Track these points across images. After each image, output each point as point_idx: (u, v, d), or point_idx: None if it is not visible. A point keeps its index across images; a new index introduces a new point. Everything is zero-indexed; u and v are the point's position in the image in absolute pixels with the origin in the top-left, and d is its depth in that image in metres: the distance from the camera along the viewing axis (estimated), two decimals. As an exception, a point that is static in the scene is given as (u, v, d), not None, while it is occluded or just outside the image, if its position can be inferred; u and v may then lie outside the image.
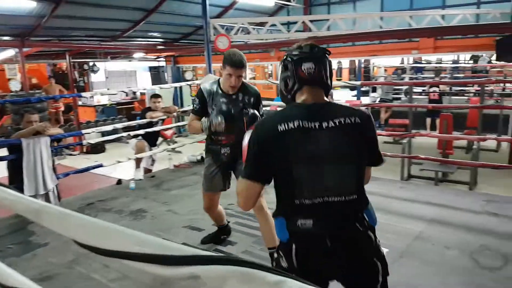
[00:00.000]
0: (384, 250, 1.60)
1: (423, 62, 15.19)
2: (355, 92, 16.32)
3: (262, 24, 10.45)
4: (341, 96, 16.91)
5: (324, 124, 1.48)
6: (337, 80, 16.02)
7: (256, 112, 2.81)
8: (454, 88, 12.11)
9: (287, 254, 1.52)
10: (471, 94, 12.61)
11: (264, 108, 3.07)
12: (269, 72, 17.13)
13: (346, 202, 1.50)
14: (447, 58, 14.90)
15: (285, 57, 1.60)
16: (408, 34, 8.51)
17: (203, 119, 2.87)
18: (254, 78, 16.85)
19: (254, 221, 3.72)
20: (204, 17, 6.82)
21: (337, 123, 1.48)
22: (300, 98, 1.57)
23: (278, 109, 3.87)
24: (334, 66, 16.62)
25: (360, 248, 1.52)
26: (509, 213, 3.84)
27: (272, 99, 9.18)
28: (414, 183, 6.22)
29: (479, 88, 10.97)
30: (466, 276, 2.80)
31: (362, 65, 14.87)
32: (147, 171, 5.98)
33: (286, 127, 1.47)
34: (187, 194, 4.83)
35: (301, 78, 1.54)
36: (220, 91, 2.87)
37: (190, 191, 4.90)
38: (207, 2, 6.90)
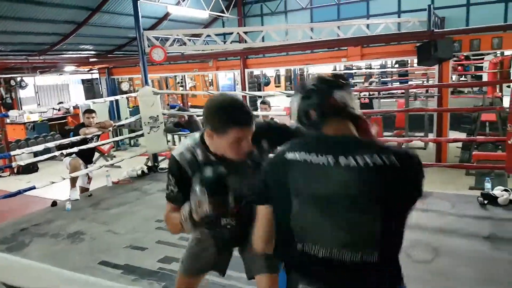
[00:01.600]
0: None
1: (353, 68, 15.97)
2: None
3: (197, 35, 10.45)
4: (280, 102, 17.29)
5: (342, 161, 1.20)
6: (276, 87, 16.49)
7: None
8: (383, 92, 12.82)
9: None
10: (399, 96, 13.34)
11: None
12: (209, 80, 17.11)
13: (362, 263, 1.22)
14: (376, 64, 15.76)
15: (308, 85, 1.36)
16: (336, 43, 8.97)
17: (184, 206, 1.63)
18: (194, 86, 16.75)
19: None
20: (137, 29, 6.72)
21: (360, 163, 1.18)
22: (327, 131, 1.33)
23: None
24: (272, 74, 17.00)
25: None
26: (437, 208, 4.14)
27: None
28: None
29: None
30: (402, 270, 2.98)
31: (298, 73, 15.31)
32: (84, 190, 5.76)
33: (293, 157, 1.27)
34: (128, 211, 4.72)
35: (331, 108, 1.30)
36: (213, 158, 1.76)
37: (131, 208, 4.79)
38: (140, 14, 6.82)
